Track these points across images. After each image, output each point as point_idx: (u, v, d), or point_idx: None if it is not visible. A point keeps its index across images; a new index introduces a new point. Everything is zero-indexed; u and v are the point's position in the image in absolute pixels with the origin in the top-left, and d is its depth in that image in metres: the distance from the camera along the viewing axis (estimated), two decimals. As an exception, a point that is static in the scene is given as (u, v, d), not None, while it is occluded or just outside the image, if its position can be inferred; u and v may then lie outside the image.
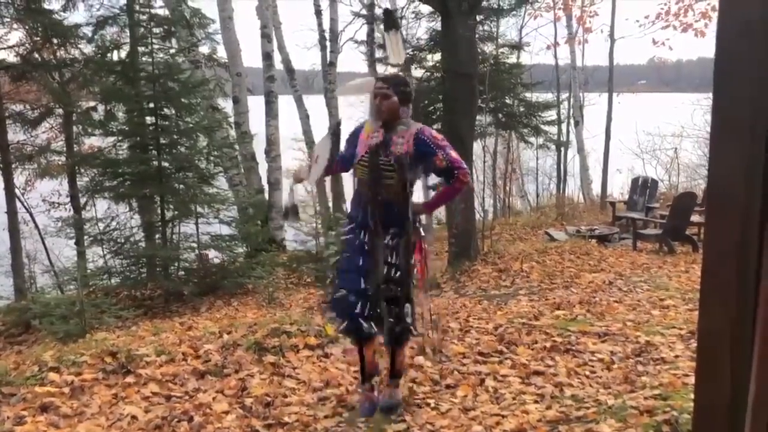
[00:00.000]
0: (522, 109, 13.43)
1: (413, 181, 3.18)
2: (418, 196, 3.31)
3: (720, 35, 1.18)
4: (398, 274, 3.14)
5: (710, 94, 1.20)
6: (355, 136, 3.32)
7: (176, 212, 9.79)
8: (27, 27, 11.68)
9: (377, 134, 3.18)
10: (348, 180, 3.55)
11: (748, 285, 1.20)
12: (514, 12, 13.78)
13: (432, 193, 3.41)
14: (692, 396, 1.37)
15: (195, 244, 9.85)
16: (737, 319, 1.22)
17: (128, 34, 10.86)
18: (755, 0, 1.13)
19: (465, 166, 3.15)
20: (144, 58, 9.99)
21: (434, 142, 3.10)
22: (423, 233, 3.30)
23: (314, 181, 3.50)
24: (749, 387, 1.22)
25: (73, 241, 11.20)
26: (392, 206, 3.14)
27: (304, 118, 15.57)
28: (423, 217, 3.34)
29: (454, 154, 3.12)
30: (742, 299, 1.21)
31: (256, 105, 12.70)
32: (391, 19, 3.52)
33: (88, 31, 11.65)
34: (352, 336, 3.43)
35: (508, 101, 13.32)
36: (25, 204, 14.01)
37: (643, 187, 11.69)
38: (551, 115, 15.57)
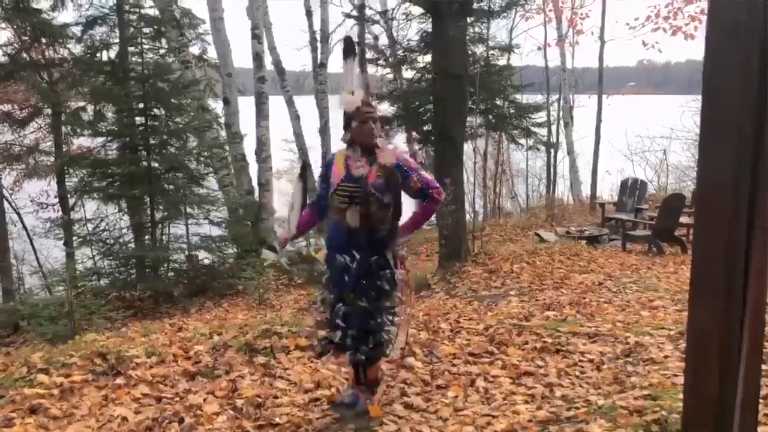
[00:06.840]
0: (512, 110, 13.44)
1: (398, 205, 3.17)
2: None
3: (709, 38, 1.19)
4: (378, 291, 3.15)
5: (699, 96, 1.21)
6: (328, 169, 3.29)
7: (166, 213, 9.75)
8: (15, 26, 11.61)
9: (361, 163, 3.15)
10: None
11: (736, 285, 1.21)
12: (505, 14, 13.81)
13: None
14: (681, 396, 1.38)
15: (185, 245, 9.81)
16: (725, 319, 1.24)
17: (118, 34, 10.81)
18: (743, 3, 1.14)
19: (438, 185, 3.22)
20: (134, 59, 9.96)
21: (408, 166, 3.15)
22: (402, 254, 3.30)
23: (294, 228, 3.39)
24: (737, 386, 1.23)
25: (62, 242, 11.13)
26: (374, 232, 3.13)
27: (295, 119, 15.55)
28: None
29: (426, 174, 3.19)
30: (730, 299, 1.22)
31: (246, 106, 12.65)
32: (350, 47, 3.36)
33: (77, 30, 11.62)
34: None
35: (498, 103, 13.32)
36: (13, 204, 13.95)
37: (632, 188, 11.76)
38: (541, 116, 15.60)
